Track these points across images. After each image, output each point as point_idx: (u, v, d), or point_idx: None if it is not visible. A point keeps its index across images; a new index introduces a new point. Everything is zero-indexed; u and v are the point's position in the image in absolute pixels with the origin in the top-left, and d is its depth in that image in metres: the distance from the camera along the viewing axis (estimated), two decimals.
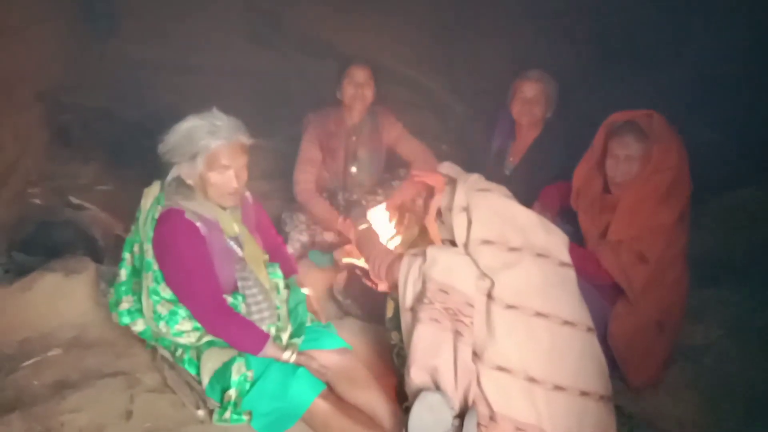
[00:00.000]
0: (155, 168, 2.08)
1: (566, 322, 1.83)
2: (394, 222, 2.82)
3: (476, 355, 1.84)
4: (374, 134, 3.16)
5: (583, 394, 1.81)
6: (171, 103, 4.23)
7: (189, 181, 2.02)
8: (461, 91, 5.06)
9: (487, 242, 1.91)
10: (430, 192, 3.16)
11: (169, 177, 2.04)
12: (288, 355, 2.01)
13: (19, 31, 3.35)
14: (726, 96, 3.84)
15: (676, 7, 4.28)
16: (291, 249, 3.01)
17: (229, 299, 2.06)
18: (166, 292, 2.01)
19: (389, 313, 2.13)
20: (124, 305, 2.11)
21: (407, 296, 1.97)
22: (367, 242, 2.41)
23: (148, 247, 2.00)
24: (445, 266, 1.90)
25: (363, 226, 2.53)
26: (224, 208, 2.09)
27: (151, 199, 2.06)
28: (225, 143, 1.96)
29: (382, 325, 2.52)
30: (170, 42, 5.19)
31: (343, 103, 3.07)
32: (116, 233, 3.03)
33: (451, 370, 1.80)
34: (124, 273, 2.13)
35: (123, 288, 2.12)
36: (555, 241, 1.95)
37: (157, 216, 1.99)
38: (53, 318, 2.34)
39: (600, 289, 2.28)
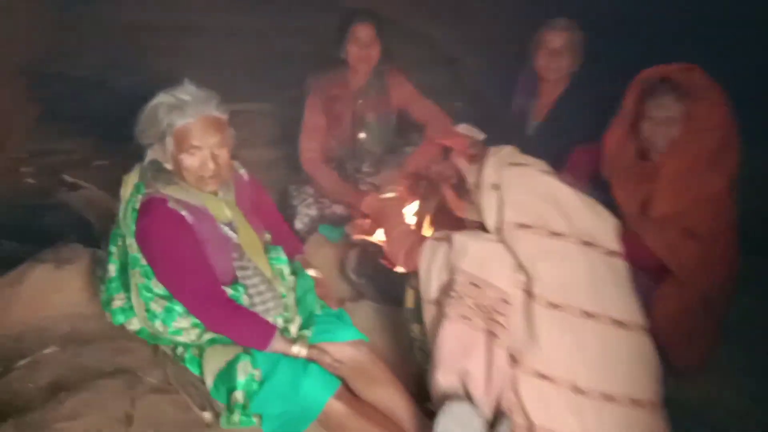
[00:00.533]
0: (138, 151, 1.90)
1: (617, 322, 1.60)
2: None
3: (513, 359, 1.62)
4: (382, 96, 2.92)
5: (634, 402, 1.60)
6: (169, 67, 4.04)
7: (167, 165, 1.83)
8: (473, 43, 4.74)
9: (523, 226, 1.65)
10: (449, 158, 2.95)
11: (146, 161, 1.85)
12: (298, 349, 1.84)
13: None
14: None
15: None
16: (300, 224, 2.83)
17: (229, 291, 1.88)
18: (159, 288, 1.84)
19: (409, 303, 1.93)
20: (117, 302, 1.94)
21: (431, 287, 1.75)
22: (388, 216, 2.18)
23: (132, 242, 1.82)
24: (477, 256, 1.66)
25: (387, 195, 2.27)
26: (215, 192, 1.89)
27: (130, 188, 1.88)
28: (192, 120, 1.76)
29: (400, 306, 2.35)
30: (164, 2, 4.92)
31: (348, 63, 2.81)
32: (114, 213, 2.85)
33: (482, 375, 1.60)
34: (113, 268, 1.95)
35: (114, 284, 1.95)
36: (603, 225, 1.69)
37: (137, 206, 1.80)
38: (47, 313, 2.18)
39: (640, 266, 2.05)
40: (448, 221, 2.04)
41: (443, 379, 1.64)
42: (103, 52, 4.16)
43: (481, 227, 1.78)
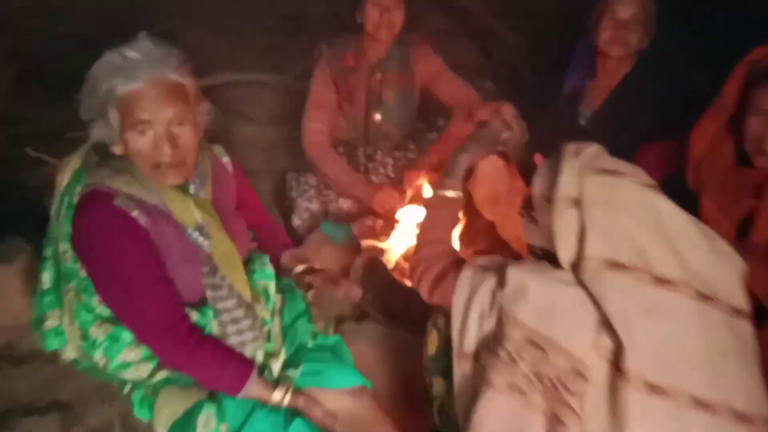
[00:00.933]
0: None
1: (740, 416, 1.07)
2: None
3: None
4: (405, 71, 2.45)
5: None
6: (169, 28, 3.60)
7: (115, 149, 1.38)
8: (509, 15, 4.21)
9: (616, 266, 1.13)
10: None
11: (87, 144, 1.43)
12: (280, 397, 1.41)
13: None
14: None
15: None
16: (298, 220, 2.40)
17: (194, 316, 1.44)
18: (103, 308, 1.41)
19: (431, 348, 1.44)
20: (50, 323, 1.50)
21: (467, 336, 1.26)
22: (422, 224, 1.63)
23: (66, 248, 1.39)
24: (543, 303, 1.16)
25: (430, 193, 1.69)
26: (182, 187, 1.44)
27: (69, 175, 1.45)
28: (140, 86, 1.32)
29: (413, 333, 1.90)
30: None
31: (365, 30, 2.33)
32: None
33: None
34: (47, 278, 1.51)
35: (47, 299, 1.50)
36: (727, 271, 1.16)
37: (75, 201, 1.37)
38: None
39: None
40: (485, 237, 1.56)
41: None
42: (96, 7, 3.70)
43: (544, 254, 1.29)
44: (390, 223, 2.22)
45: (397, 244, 2.13)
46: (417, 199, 2.31)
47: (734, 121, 1.66)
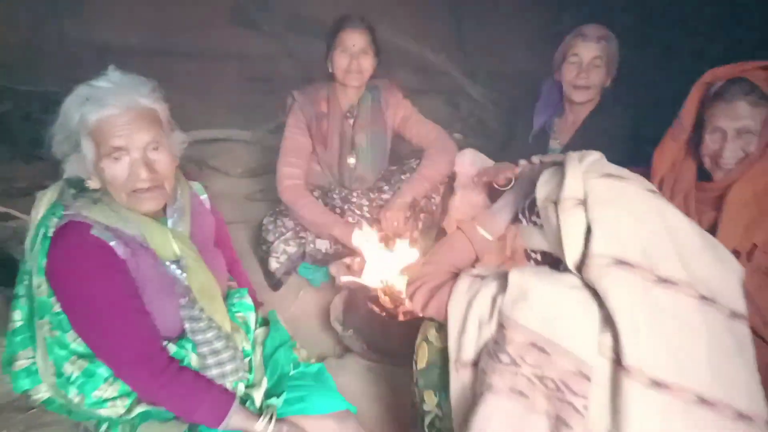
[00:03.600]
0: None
1: (741, 416, 1.09)
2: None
3: None
4: (376, 115, 2.51)
5: None
6: None
7: (90, 183, 1.39)
8: (474, 71, 4.42)
9: (622, 263, 1.15)
10: (449, 187, 2.53)
11: (62, 179, 1.43)
12: (263, 425, 1.38)
13: None
14: None
15: None
16: (275, 263, 2.38)
17: (173, 349, 1.41)
18: (78, 343, 1.37)
19: (421, 362, 1.43)
20: (21, 362, 1.43)
21: (466, 344, 1.26)
22: (441, 246, 1.56)
23: (41, 281, 1.36)
24: (545, 307, 1.16)
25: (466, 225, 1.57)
26: (161, 217, 1.44)
27: (44, 208, 1.43)
28: (113, 112, 1.33)
29: (396, 366, 1.88)
30: (143, 25, 4.60)
31: (335, 77, 2.41)
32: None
33: None
34: (18, 316, 1.46)
35: (18, 338, 1.45)
36: (728, 276, 1.20)
37: (51, 233, 1.35)
38: None
39: None
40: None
41: None
42: (64, 67, 3.75)
43: (548, 262, 1.31)
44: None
45: (376, 279, 2.13)
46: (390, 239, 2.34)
47: (693, 140, 1.75)
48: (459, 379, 1.26)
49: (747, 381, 1.12)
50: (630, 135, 2.21)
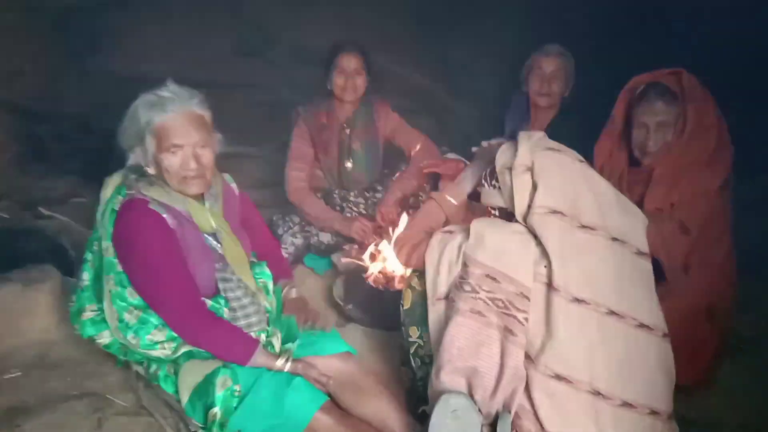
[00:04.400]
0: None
1: (642, 326, 1.49)
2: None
3: (528, 359, 1.48)
4: (369, 126, 2.91)
5: (653, 413, 1.47)
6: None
7: (149, 169, 1.75)
8: (460, 93, 4.85)
9: (555, 212, 1.52)
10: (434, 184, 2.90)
11: (127, 165, 1.79)
12: (282, 363, 1.71)
13: None
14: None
15: None
16: (284, 254, 2.72)
17: (210, 303, 1.76)
18: (134, 297, 1.72)
19: (406, 303, 1.79)
20: (88, 314, 1.80)
21: (440, 282, 1.62)
22: (419, 214, 1.95)
23: (108, 245, 1.71)
24: (496, 247, 1.53)
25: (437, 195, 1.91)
26: (200, 200, 1.81)
27: (111, 189, 1.79)
28: (172, 116, 1.70)
29: (388, 330, 2.23)
30: (157, 57, 4.99)
31: (334, 94, 2.81)
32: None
33: (494, 375, 1.46)
34: (86, 276, 1.83)
35: (86, 294, 1.82)
36: (634, 224, 1.59)
37: (117, 207, 1.71)
38: (12, 335, 2.06)
39: None
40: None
41: (448, 378, 1.48)
42: (90, 92, 4.16)
43: (503, 217, 1.67)
44: (364, 248, 2.60)
45: (373, 261, 2.49)
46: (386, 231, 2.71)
47: (624, 134, 2.15)
48: (435, 311, 1.63)
49: (648, 301, 1.50)
50: (585, 135, 2.60)
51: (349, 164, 2.90)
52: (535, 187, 1.57)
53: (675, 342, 1.82)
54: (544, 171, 1.57)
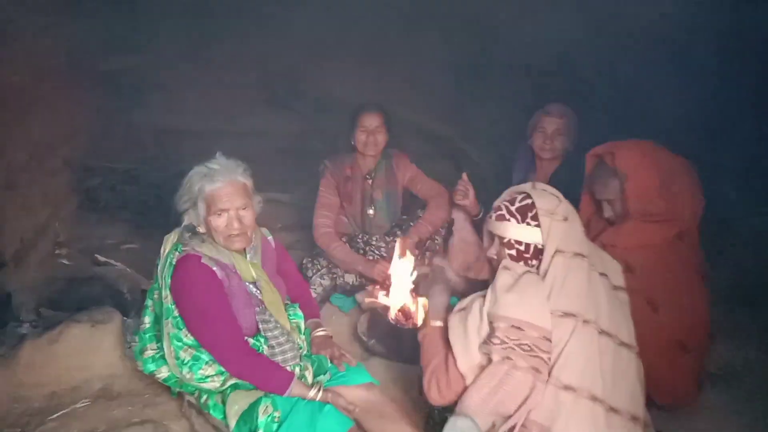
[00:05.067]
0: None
1: (624, 344, 1.79)
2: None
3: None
4: (390, 177, 3.22)
5: (634, 419, 1.74)
6: (194, 164, 4.38)
7: (200, 228, 2.07)
8: (474, 138, 5.15)
9: (558, 252, 1.79)
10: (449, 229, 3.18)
11: (182, 225, 2.10)
12: (314, 393, 1.98)
13: (50, 102, 3.53)
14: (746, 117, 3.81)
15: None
16: (313, 294, 3.01)
17: (251, 341, 2.05)
18: (188, 338, 2.01)
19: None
20: (149, 352, 2.12)
21: (472, 349, 1.78)
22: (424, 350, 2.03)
23: (167, 294, 2.02)
24: (514, 300, 1.74)
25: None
26: (243, 253, 2.12)
27: (169, 246, 2.10)
28: (220, 185, 2.00)
29: (407, 363, 2.49)
30: (193, 110, 5.37)
31: (357, 149, 3.14)
32: (142, 288, 3.06)
33: (513, 407, 1.69)
34: (147, 320, 2.15)
35: (147, 335, 2.14)
36: (612, 265, 1.92)
37: (174, 262, 2.02)
38: (81, 370, 2.35)
39: None
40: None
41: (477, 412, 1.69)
42: (137, 149, 4.56)
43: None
44: (386, 288, 2.87)
45: (393, 299, 2.76)
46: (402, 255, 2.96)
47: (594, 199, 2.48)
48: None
49: (626, 324, 1.82)
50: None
51: (371, 211, 3.21)
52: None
53: (657, 368, 2.06)
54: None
